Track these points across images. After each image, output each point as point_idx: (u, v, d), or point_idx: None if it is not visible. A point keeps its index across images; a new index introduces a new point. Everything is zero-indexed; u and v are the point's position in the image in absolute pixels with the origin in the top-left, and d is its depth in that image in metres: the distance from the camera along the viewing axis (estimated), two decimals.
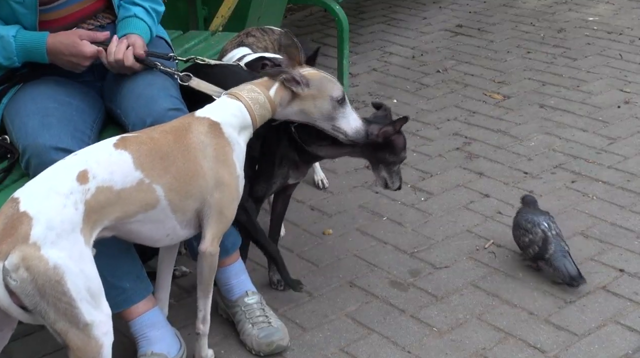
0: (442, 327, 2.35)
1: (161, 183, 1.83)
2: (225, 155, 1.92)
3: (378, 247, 2.75)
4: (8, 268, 1.61)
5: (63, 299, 1.63)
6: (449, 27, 4.87)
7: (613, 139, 3.42)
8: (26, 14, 2.13)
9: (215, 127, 1.92)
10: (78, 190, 1.71)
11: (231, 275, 2.30)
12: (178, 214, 1.88)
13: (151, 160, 1.82)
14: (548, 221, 2.54)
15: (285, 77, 2.00)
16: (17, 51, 2.13)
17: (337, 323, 2.38)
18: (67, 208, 1.68)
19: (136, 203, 1.80)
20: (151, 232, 1.89)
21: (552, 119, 3.62)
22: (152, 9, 2.29)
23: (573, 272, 2.44)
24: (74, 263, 1.65)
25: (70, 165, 1.77)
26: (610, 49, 4.39)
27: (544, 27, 4.77)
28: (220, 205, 1.92)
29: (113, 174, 1.77)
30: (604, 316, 2.36)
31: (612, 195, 3.00)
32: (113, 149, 1.82)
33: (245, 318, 2.27)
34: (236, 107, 1.97)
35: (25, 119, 2.06)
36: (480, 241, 2.76)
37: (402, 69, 4.28)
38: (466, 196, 3.04)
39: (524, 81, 4.05)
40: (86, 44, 2.12)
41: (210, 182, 1.90)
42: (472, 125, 3.60)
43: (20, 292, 1.62)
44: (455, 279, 2.56)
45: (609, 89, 3.92)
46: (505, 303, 2.43)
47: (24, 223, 1.63)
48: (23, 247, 1.61)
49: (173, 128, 1.90)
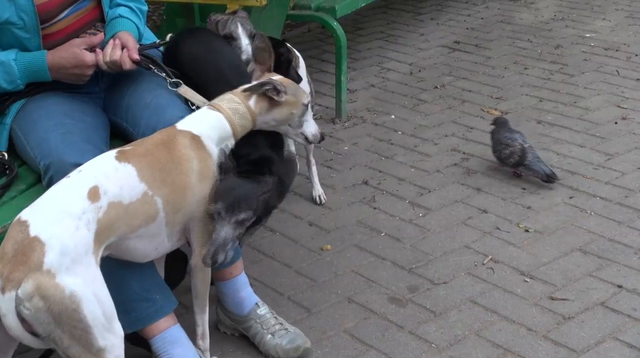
0: (441, 343, 2.34)
1: (160, 195, 1.83)
2: (208, 168, 1.92)
3: (376, 263, 2.74)
4: (22, 297, 1.56)
5: (79, 326, 1.60)
6: (446, 44, 4.88)
7: (610, 155, 3.42)
8: (29, 38, 2.13)
9: (196, 139, 1.92)
10: (90, 209, 1.68)
11: (239, 287, 2.29)
12: (169, 227, 1.89)
13: (152, 172, 1.82)
14: (522, 137, 3.21)
15: (267, 88, 2.00)
16: (20, 74, 2.13)
17: (336, 339, 2.37)
18: (79, 230, 1.65)
19: (140, 216, 1.80)
20: (144, 247, 1.88)
21: (550, 135, 3.63)
22: (136, 7, 2.29)
23: (548, 171, 3.13)
24: (89, 289, 1.63)
25: (78, 183, 1.73)
26: (607, 66, 4.40)
27: (541, 44, 4.79)
28: (203, 218, 1.91)
29: (122, 189, 1.75)
30: (603, 332, 2.35)
31: (610, 211, 3.00)
32: (117, 162, 1.80)
33: (262, 329, 2.26)
34: (216, 118, 1.96)
35: (44, 134, 2.05)
36: (479, 257, 2.76)
37: (400, 84, 4.29)
38: (464, 212, 3.04)
39: (521, 97, 4.06)
40: (85, 52, 2.12)
41: (197, 196, 1.89)
42: (469, 141, 3.60)
43: (34, 321, 1.59)
44: (454, 295, 2.56)
45: (606, 105, 3.93)
46: (504, 320, 2.43)
47: (36, 249, 1.58)
48: (37, 275, 1.56)
49: (162, 140, 1.90)
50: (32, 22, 2.11)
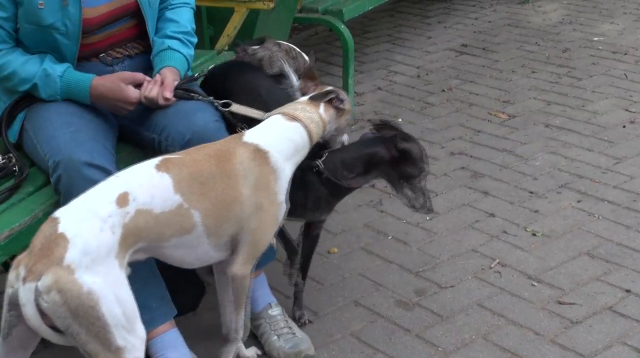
0: (448, 347, 2.33)
1: (199, 208, 1.81)
2: (268, 183, 1.89)
3: (383, 266, 2.74)
4: (40, 290, 1.59)
5: (97, 323, 1.62)
6: (453, 47, 4.87)
7: (619, 159, 3.41)
8: (68, 45, 2.15)
9: (261, 154, 1.89)
10: (116, 213, 1.70)
11: (256, 287, 2.29)
12: (212, 238, 1.86)
13: (191, 185, 1.80)
14: None
15: (333, 97, 2.04)
16: (61, 90, 2.14)
17: (342, 342, 2.37)
18: (104, 232, 1.67)
19: (172, 227, 1.79)
20: (183, 256, 1.88)
21: (558, 139, 3.62)
22: (186, 39, 2.32)
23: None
24: (109, 289, 1.64)
25: (110, 187, 1.76)
26: (615, 69, 4.39)
27: (549, 47, 4.78)
28: (256, 231, 1.90)
29: (154, 198, 1.75)
30: (611, 337, 2.34)
31: (618, 215, 2.99)
32: (155, 171, 1.80)
33: (270, 330, 2.28)
34: (294, 129, 1.96)
35: (53, 132, 2.06)
36: (486, 261, 2.75)
37: (407, 88, 4.29)
38: (471, 215, 3.03)
39: (529, 100, 4.05)
40: (130, 88, 2.14)
41: (248, 210, 1.87)
42: (477, 145, 3.60)
43: (52, 314, 1.61)
44: (461, 299, 2.55)
45: (614, 108, 3.91)
46: (511, 324, 2.42)
47: (60, 245, 1.62)
48: (57, 269, 1.59)
49: (217, 151, 1.88)
50: (74, 31, 2.13)
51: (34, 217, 2.00)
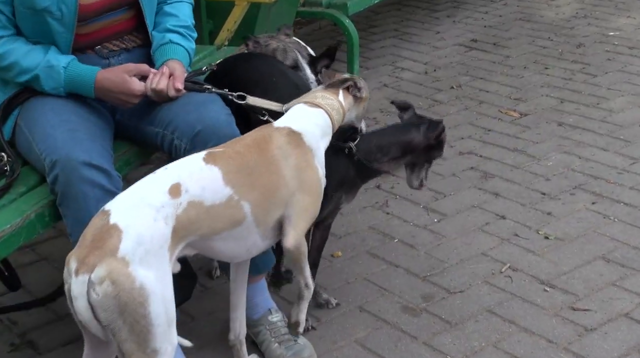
0: (457, 355, 2.31)
1: (249, 199, 1.84)
2: (308, 161, 1.95)
3: (389, 271, 2.72)
4: (94, 281, 1.59)
5: (141, 322, 1.61)
6: (463, 42, 4.87)
7: (635, 159, 3.38)
8: (63, 33, 2.12)
9: (296, 136, 1.95)
10: (169, 204, 1.71)
11: (256, 292, 2.29)
12: (261, 227, 1.88)
13: (240, 177, 1.83)
14: None
15: (350, 84, 2.09)
16: (64, 82, 2.13)
17: (347, 350, 2.35)
18: (157, 222, 1.67)
19: (224, 220, 1.80)
20: (232, 249, 1.89)
21: (571, 138, 3.59)
22: (187, 33, 2.31)
23: None
24: (159, 286, 1.64)
25: (161, 178, 1.77)
26: (632, 65, 4.37)
27: (562, 42, 4.77)
28: (303, 204, 1.92)
29: (204, 190, 1.77)
30: (627, 345, 2.31)
31: (634, 217, 2.96)
32: (203, 164, 1.82)
33: (270, 337, 2.27)
34: (319, 114, 2.02)
35: (50, 130, 2.04)
36: (496, 265, 2.72)
37: (415, 84, 4.28)
38: (481, 217, 3.01)
39: (541, 98, 4.02)
40: (135, 81, 2.13)
41: (292, 189, 1.90)
42: (487, 144, 3.58)
43: (99, 306, 1.60)
44: (470, 305, 2.52)
45: (630, 106, 3.88)
46: (523, 331, 2.39)
47: (114, 236, 1.62)
48: (111, 260, 1.60)
49: (255, 140, 1.92)
50: (69, 17, 2.10)
51: (25, 218, 1.97)
